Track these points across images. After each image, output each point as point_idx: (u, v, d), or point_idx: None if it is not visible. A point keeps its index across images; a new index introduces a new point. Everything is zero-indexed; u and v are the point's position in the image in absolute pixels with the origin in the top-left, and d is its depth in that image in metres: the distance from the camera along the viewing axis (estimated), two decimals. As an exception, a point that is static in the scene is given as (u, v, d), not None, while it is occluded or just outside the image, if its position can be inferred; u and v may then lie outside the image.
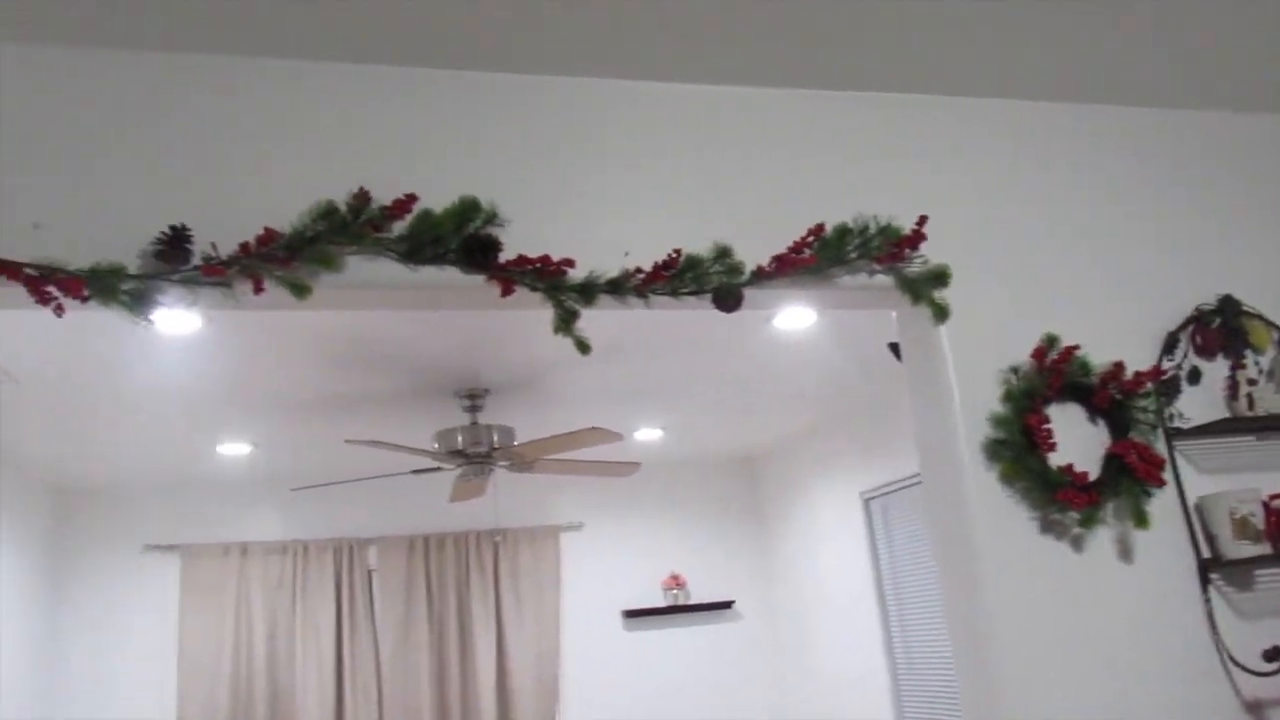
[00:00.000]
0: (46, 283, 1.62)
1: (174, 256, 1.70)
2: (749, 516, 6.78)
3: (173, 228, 1.71)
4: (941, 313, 2.08)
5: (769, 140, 2.15)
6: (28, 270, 1.62)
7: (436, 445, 4.22)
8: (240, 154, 1.86)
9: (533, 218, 1.95)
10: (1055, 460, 2.03)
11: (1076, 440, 2.10)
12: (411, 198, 1.86)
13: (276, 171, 1.86)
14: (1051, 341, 2.11)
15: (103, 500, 5.74)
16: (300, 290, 1.74)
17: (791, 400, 5.11)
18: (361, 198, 1.82)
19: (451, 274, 1.88)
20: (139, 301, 1.66)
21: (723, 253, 1.96)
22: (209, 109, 1.87)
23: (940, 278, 2.09)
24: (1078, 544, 2.05)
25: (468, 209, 1.87)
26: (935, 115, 2.28)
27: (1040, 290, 2.20)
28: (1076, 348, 2.10)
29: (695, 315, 3.63)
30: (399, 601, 5.96)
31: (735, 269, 1.97)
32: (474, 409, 4.35)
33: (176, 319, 3.24)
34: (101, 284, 1.63)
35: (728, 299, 1.96)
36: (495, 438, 4.17)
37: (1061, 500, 1.99)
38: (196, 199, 1.80)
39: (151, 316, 1.68)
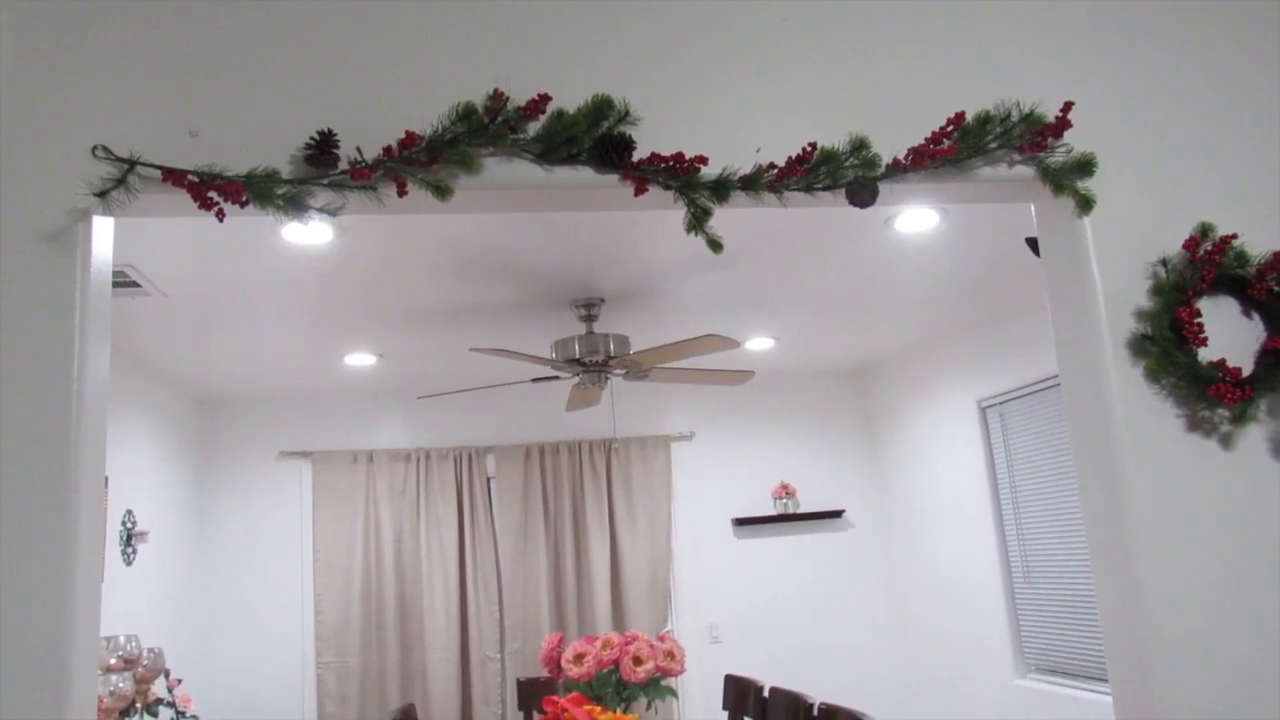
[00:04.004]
0: (208, 188, 1.69)
1: (323, 161, 1.76)
2: (859, 426, 6.75)
3: (321, 133, 1.76)
4: (1086, 204, 2.01)
5: (905, 29, 2.07)
6: (190, 177, 1.70)
7: (554, 354, 4.30)
8: (379, 58, 1.89)
9: (665, 115, 1.94)
10: (1205, 355, 1.96)
11: (1229, 335, 2.01)
12: (545, 97, 1.87)
13: (414, 75, 1.89)
14: (1206, 231, 2.01)
15: (241, 409, 6.08)
16: (442, 191, 1.77)
17: (907, 307, 5.02)
18: (497, 99, 1.84)
19: (585, 174, 1.89)
20: (293, 205, 1.73)
21: (859, 145, 1.92)
22: (349, 14, 1.90)
23: (1085, 167, 2.01)
24: (1228, 442, 1.99)
25: (601, 107, 1.87)
26: (1080, -4, 2.16)
27: (1192, 177, 2.09)
28: (1234, 237, 2.00)
29: (811, 221, 3.62)
30: (517, 507, 6.18)
31: (871, 162, 1.93)
32: (589, 319, 4.41)
33: (308, 232, 3.37)
34: (258, 188, 1.69)
35: (863, 193, 1.92)
36: (611, 346, 4.23)
37: (1212, 395, 1.92)
38: (340, 104, 1.84)
39: (305, 218, 1.75)
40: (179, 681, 3.99)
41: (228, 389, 5.81)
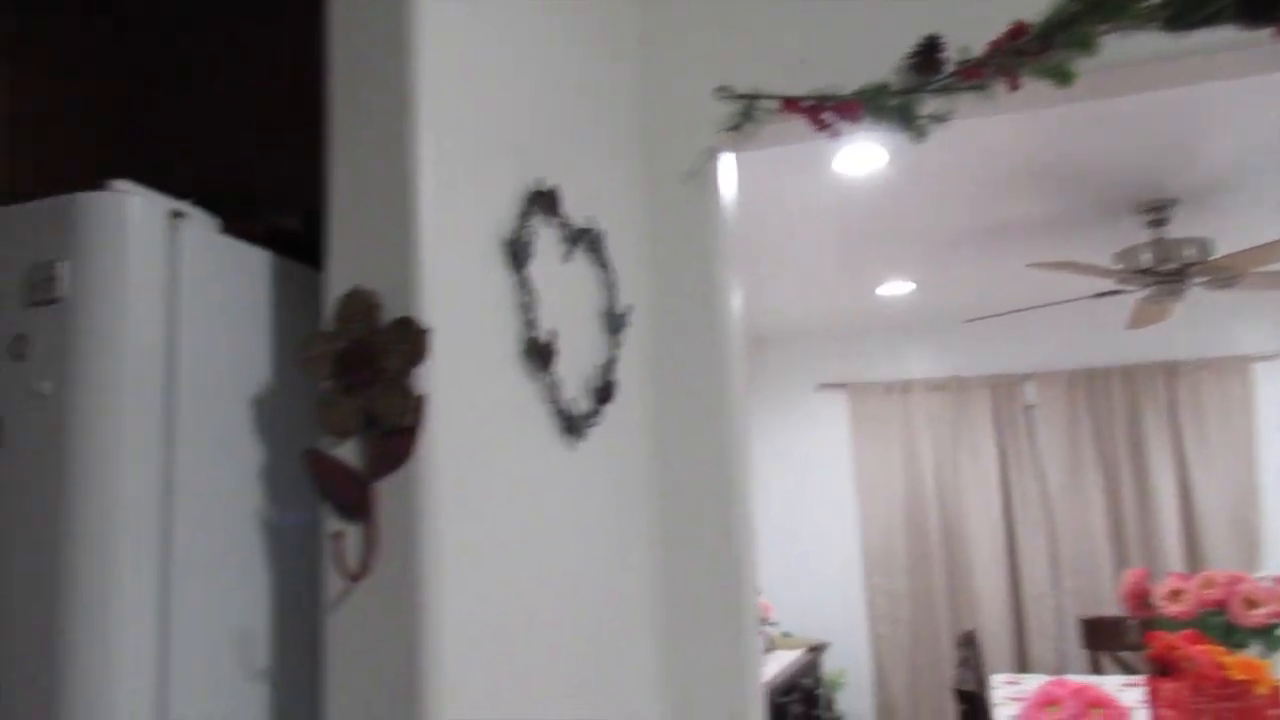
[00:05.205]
0: (822, 110, 1.75)
1: (928, 66, 1.73)
2: None
3: (927, 38, 1.73)
4: None
5: None
6: (805, 102, 1.77)
7: (1119, 265, 3.91)
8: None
9: (1332, -54, 1.61)
10: None
11: None
12: (1172, -46, 1.65)
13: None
14: None
15: (782, 345, 6.44)
16: (1065, 76, 1.65)
17: None
18: (1115, -33, 1.66)
19: (1226, 35, 1.64)
20: (903, 115, 1.72)
21: None
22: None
23: None
24: None
25: (1245, -49, 1.61)
26: None
27: None
28: None
29: None
30: (1061, 437, 5.80)
31: None
32: (1158, 223, 3.93)
33: (857, 160, 3.40)
34: (872, 103, 1.71)
35: None
36: (1191, 252, 3.73)
37: None
38: (936, 6, 1.79)
39: (914, 129, 1.73)
40: (759, 592, 4.35)
41: (772, 325, 6.15)
